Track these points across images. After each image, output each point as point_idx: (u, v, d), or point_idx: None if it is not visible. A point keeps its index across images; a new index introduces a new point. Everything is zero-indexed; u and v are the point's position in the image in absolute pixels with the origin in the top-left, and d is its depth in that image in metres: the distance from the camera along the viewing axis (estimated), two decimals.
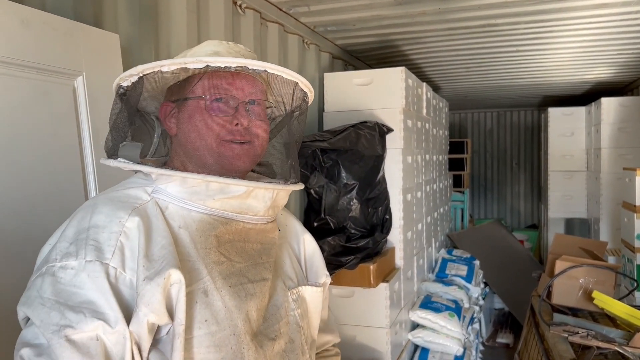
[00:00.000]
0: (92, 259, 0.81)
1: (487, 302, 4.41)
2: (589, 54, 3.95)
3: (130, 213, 0.87)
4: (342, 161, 2.66)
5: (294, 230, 1.20)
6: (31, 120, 1.30)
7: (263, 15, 2.63)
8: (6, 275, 1.21)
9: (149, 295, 0.80)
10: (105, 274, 0.80)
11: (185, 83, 0.99)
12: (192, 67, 0.91)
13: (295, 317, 1.04)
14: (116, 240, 0.84)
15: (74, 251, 0.82)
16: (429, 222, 3.74)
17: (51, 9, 1.44)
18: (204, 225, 0.93)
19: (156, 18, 1.88)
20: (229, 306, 0.89)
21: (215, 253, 0.92)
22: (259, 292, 0.96)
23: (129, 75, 0.93)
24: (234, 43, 1.01)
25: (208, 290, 0.88)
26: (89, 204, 0.91)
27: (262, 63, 0.92)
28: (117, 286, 0.81)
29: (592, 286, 2.21)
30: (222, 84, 0.96)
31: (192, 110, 0.96)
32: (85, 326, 0.76)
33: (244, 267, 0.95)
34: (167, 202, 0.93)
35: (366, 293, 2.60)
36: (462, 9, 2.84)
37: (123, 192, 0.93)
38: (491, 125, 8.35)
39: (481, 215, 8.32)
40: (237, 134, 0.96)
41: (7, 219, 1.22)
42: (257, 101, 0.99)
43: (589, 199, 5.29)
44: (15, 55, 1.25)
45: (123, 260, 0.83)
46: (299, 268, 1.15)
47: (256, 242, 1.00)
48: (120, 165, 0.92)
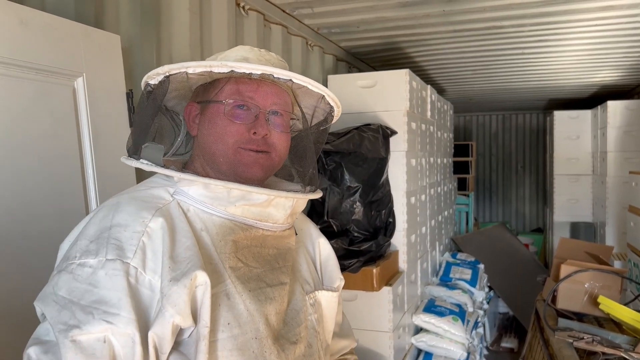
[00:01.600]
0: (113, 257, 0.80)
1: (491, 306, 4.38)
2: (594, 56, 3.93)
3: (154, 213, 0.87)
4: (346, 164, 2.65)
5: (310, 234, 1.20)
6: (31, 121, 1.29)
7: (266, 17, 2.62)
8: (5, 277, 1.20)
9: (176, 296, 0.80)
10: (125, 273, 0.80)
11: (210, 86, 0.99)
12: (216, 70, 0.91)
13: (312, 321, 1.04)
14: (138, 240, 0.83)
15: (94, 249, 0.81)
16: (433, 226, 3.72)
17: (51, 10, 1.44)
18: (224, 229, 0.92)
19: (158, 19, 1.87)
20: (250, 310, 0.89)
21: (233, 258, 0.91)
22: (278, 296, 0.96)
23: (155, 74, 0.93)
24: (265, 50, 1.01)
25: (230, 294, 0.88)
26: (112, 202, 0.90)
27: (288, 72, 0.91)
28: (137, 287, 0.80)
29: (598, 291, 2.19)
30: (246, 91, 0.95)
31: (213, 114, 0.96)
32: (93, 327, 0.75)
33: (261, 272, 0.95)
34: (189, 205, 0.93)
35: (369, 297, 2.58)
36: (467, 11, 2.82)
37: (146, 191, 0.93)
38: (496, 128, 8.32)
39: (486, 219, 8.28)
40: (254, 143, 0.95)
41: (5, 221, 1.21)
42: (279, 112, 0.99)
43: (595, 203, 5.26)
44: (14, 56, 1.24)
45: (144, 261, 0.82)
46: (315, 272, 1.15)
47: (272, 247, 1.00)
48: (142, 167, 0.91)
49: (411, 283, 3.05)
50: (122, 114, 1.57)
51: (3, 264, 1.20)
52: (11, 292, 1.20)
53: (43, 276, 0.97)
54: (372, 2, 2.67)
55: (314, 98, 1.03)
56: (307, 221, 1.22)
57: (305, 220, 1.22)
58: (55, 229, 1.32)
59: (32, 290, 0.91)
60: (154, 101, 0.95)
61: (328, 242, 1.23)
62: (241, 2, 2.36)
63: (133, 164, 0.92)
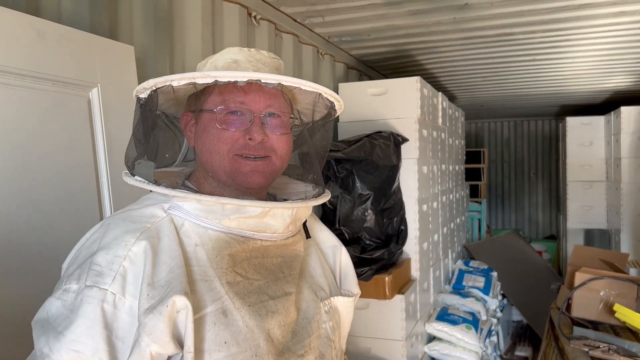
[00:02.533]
0: (91, 284, 0.80)
1: (505, 314, 4.34)
2: (607, 62, 3.90)
3: (138, 237, 0.85)
4: (357, 171, 2.65)
5: (329, 241, 1.18)
6: (47, 131, 1.31)
7: (277, 26, 2.64)
8: (21, 285, 1.22)
9: (151, 324, 0.78)
10: (99, 301, 0.79)
11: (202, 93, 0.96)
12: (200, 82, 0.89)
13: (326, 330, 1.01)
14: (119, 265, 0.82)
15: (77, 275, 0.82)
16: (445, 233, 3.70)
17: (67, 21, 1.46)
18: (220, 243, 0.90)
19: (171, 29, 1.90)
20: (250, 326, 0.86)
21: (230, 273, 0.89)
22: (282, 307, 0.92)
23: (142, 88, 0.92)
24: (255, 50, 0.98)
25: (227, 310, 0.85)
26: (105, 222, 0.90)
27: (275, 76, 0.88)
28: (115, 312, 0.79)
29: (613, 299, 2.16)
30: (237, 96, 0.92)
31: (206, 123, 0.94)
32: (61, 356, 0.75)
33: (263, 284, 0.92)
34: (184, 219, 0.91)
35: (381, 305, 2.57)
36: (478, 19, 2.82)
37: (139, 210, 0.91)
38: (508, 134, 8.28)
39: (499, 226, 8.22)
40: (251, 149, 0.92)
41: (21, 229, 1.23)
42: (276, 113, 0.95)
43: (609, 210, 5.20)
44: (32, 67, 1.26)
45: (124, 286, 0.81)
46: (332, 278, 1.12)
47: (276, 256, 0.97)
48: (137, 184, 0.91)
49: (424, 291, 3.03)
50: None
51: (22, 271, 1.22)
52: (28, 299, 1.21)
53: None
54: (382, 11, 2.68)
55: (310, 97, 1.00)
56: (325, 229, 1.20)
57: (324, 228, 1.19)
58: (71, 238, 1.33)
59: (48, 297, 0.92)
60: (149, 112, 0.94)
61: (347, 251, 1.21)
62: (253, 12, 2.38)
63: (129, 182, 0.92)
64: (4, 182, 1.20)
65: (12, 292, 1.20)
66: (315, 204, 0.99)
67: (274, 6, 2.53)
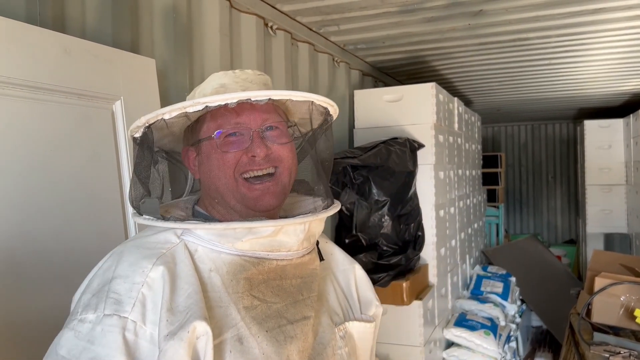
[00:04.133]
0: (111, 312, 0.78)
1: (524, 319, 4.30)
2: (625, 65, 3.87)
3: (155, 262, 0.83)
4: (373, 177, 2.67)
5: (341, 261, 1.15)
6: (73, 143, 1.36)
7: (294, 36, 2.68)
8: (49, 295, 1.25)
9: (172, 351, 0.76)
10: (121, 329, 0.77)
11: (196, 124, 0.96)
12: (191, 110, 0.87)
13: (342, 356, 0.98)
14: (138, 292, 0.80)
15: (94, 304, 0.80)
16: (462, 238, 3.69)
17: (91, 37, 1.51)
18: (235, 267, 0.88)
19: (190, 42, 1.94)
20: (267, 353, 0.84)
21: (247, 297, 0.87)
22: (300, 332, 0.90)
23: (136, 127, 0.92)
24: (240, 70, 0.98)
25: (243, 337, 0.83)
26: (117, 251, 0.89)
27: (264, 92, 0.88)
28: (136, 341, 0.78)
29: (634, 304, 2.14)
30: (230, 118, 0.92)
31: (207, 152, 0.94)
32: None
33: (281, 307, 0.90)
34: (197, 245, 0.89)
35: (399, 311, 2.58)
36: (493, 24, 2.83)
37: (152, 237, 0.90)
38: (525, 138, 8.22)
39: (517, 231, 8.15)
40: (256, 165, 0.91)
41: (48, 239, 1.27)
42: (274, 126, 0.94)
43: (630, 214, 5.14)
44: (59, 83, 1.31)
45: (144, 313, 0.79)
46: (344, 301, 1.09)
47: (295, 277, 0.94)
48: (146, 223, 0.90)
49: (441, 297, 3.03)
50: None
51: (49, 280, 1.26)
52: (55, 306, 1.25)
53: None
54: (397, 18, 2.70)
55: (304, 106, 0.98)
56: (336, 248, 1.17)
57: (334, 247, 1.17)
58: (96, 247, 1.38)
59: None
60: (147, 149, 0.93)
61: (361, 268, 1.18)
62: (269, 22, 2.42)
63: (139, 221, 0.92)
64: (33, 193, 1.24)
65: (40, 300, 1.23)
66: (326, 215, 0.97)
67: (290, 16, 2.57)
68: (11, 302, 1.17)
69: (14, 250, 1.19)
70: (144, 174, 0.93)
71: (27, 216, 1.23)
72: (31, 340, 1.20)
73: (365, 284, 1.16)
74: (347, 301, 1.09)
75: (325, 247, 1.11)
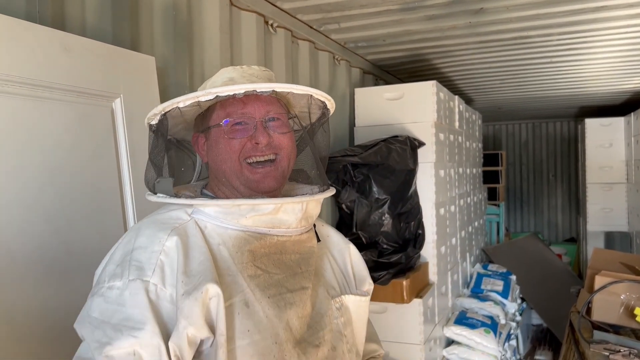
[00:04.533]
0: (135, 277, 0.88)
1: (524, 318, 4.30)
2: (626, 63, 3.86)
3: (170, 233, 0.93)
4: (374, 176, 2.67)
5: (337, 242, 1.25)
6: (73, 141, 1.36)
7: (294, 34, 2.67)
8: (51, 291, 1.26)
9: (188, 309, 0.86)
10: (145, 291, 0.87)
11: (206, 113, 1.07)
12: (204, 99, 0.99)
13: (338, 325, 1.09)
14: (156, 259, 0.90)
15: (119, 272, 0.90)
16: (463, 237, 3.69)
17: (91, 34, 1.51)
18: (240, 241, 0.98)
19: (190, 40, 1.94)
20: (269, 316, 0.94)
21: (251, 267, 0.97)
22: (299, 300, 1.00)
23: (152, 114, 1.02)
24: (247, 66, 1.08)
25: (249, 302, 0.93)
26: (135, 227, 0.99)
27: (269, 85, 0.99)
28: (158, 302, 0.87)
29: (635, 303, 2.14)
30: (238, 108, 1.02)
31: (215, 138, 1.04)
32: (122, 343, 0.82)
33: (282, 278, 1.00)
34: (206, 222, 0.99)
35: (399, 309, 2.58)
36: (494, 22, 2.82)
37: (166, 214, 1.00)
38: (526, 136, 8.21)
39: (517, 229, 8.15)
40: (259, 151, 1.01)
41: (49, 236, 1.27)
42: (275, 117, 1.05)
43: (630, 212, 5.13)
44: (58, 80, 1.31)
45: (163, 277, 0.89)
46: (342, 278, 1.19)
47: (293, 252, 1.05)
48: (160, 200, 1.00)
49: (442, 295, 3.03)
50: None
51: (49, 279, 1.26)
52: (56, 305, 1.26)
53: (84, 288, 1.03)
54: (398, 16, 2.69)
55: (304, 99, 1.09)
56: (332, 230, 1.28)
57: (331, 229, 1.27)
58: (96, 245, 1.38)
59: (76, 306, 0.97)
60: (162, 137, 1.04)
61: (356, 248, 1.29)
62: (270, 20, 2.42)
63: (153, 200, 1.02)
64: (32, 191, 1.24)
65: (39, 297, 1.23)
66: (321, 197, 1.07)
67: (290, 14, 2.56)
68: (11, 299, 1.17)
69: (12, 247, 1.19)
70: (158, 158, 1.04)
71: (27, 213, 1.22)
72: (30, 338, 1.20)
73: (360, 263, 1.27)
74: (343, 277, 1.20)
75: (321, 230, 1.21)
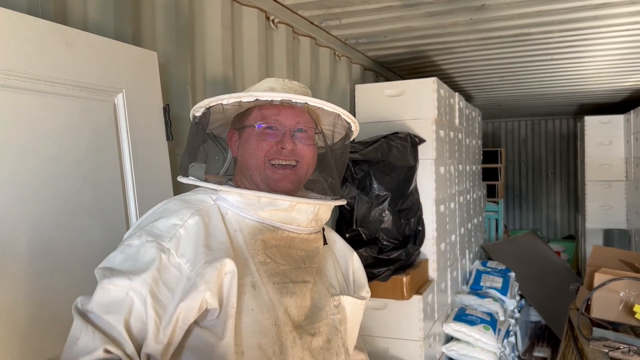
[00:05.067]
0: (152, 239, 0.98)
1: (523, 314, 4.31)
2: (626, 61, 3.86)
3: (193, 212, 1.04)
4: (374, 172, 2.67)
5: (342, 248, 1.37)
6: (75, 136, 1.35)
7: (295, 30, 2.67)
8: (52, 285, 1.26)
9: (209, 275, 0.95)
10: (158, 250, 0.96)
11: (244, 114, 1.18)
12: (245, 100, 1.10)
13: (334, 320, 1.18)
14: (176, 231, 1.00)
15: (139, 234, 1.00)
16: (462, 233, 3.70)
17: (93, 29, 1.51)
18: (255, 230, 1.09)
19: (192, 35, 1.93)
20: (272, 299, 1.04)
21: (262, 254, 1.07)
22: (299, 291, 1.10)
23: (198, 107, 1.15)
24: (289, 80, 1.20)
25: (256, 284, 1.03)
26: (163, 202, 1.10)
27: (303, 97, 1.09)
28: (167, 264, 0.96)
29: (634, 300, 2.15)
30: (272, 115, 1.14)
31: (248, 136, 1.15)
32: (118, 281, 0.93)
33: (287, 269, 1.10)
34: (227, 209, 1.10)
35: (399, 305, 2.58)
36: (495, 19, 2.82)
37: (193, 196, 1.12)
38: (525, 134, 8.21)
39: (516, 226, 8.16)
40: (282, 155, 1.12)
41: (52, 230, 1.27)
42: (303, 128, 1.16)
43: (629, 210, 5.14)
44: (60, 75, 1.31)
45: (177, 247, 0.98)
46: (343, 281, 1.29)
47: (300, 249, 1.15)
48: (191, 182, 1.11)
49: (441, 291, 3.04)
50: (159, 128, 1.63)
51: (53, 272, 1.26)
52: (59, 297, 1.26)
53: (87, 284, 1.04)
54: (399, 13, 2.69)
55: (331, 117, 1.21)
56: (339, 237, 1.39)
57: (337, 237, 1.39)
58: (98, 239, 1.38)
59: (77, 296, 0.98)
60: (202, 129, 1.16)
61: (358, 257, 1.40)
62: (271, 16, 2.41)
63: (184, 181, 1.12)
64: (35, 185, 1.24)
65: (45, 291, 1.24)
66: (333, 204, 1.18)
67: (292, 10, 2.56)
68: (12, 292, 1.17)
69: (13, 241, 1.19)
70: (195, 147, 1.16)
71: (28, 207, 1.22)
72: (31, 331, 1.20)
73: (361, 271, 1.38)
74: (344, 280, 1.31)
75: (329, 235, 1.33)
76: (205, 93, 1.98)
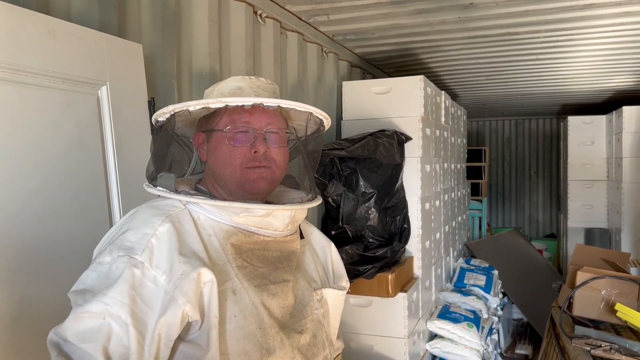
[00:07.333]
0: (123, 254, 0.93)
1: (505, 312, 4.36)
2: (610, 62, 3.91)
3: (164, 219, 1.00)
4: (361, 170, 2.66)
5: (319, 239, 1.36)
6: (57, 129, 1.32)
7: (283, 25, 2.64)
8: (34, 283, 1.23)
9: (187, 287, 0.92)
10: (130, 266, 0.91)
11: (212, 116, 1.13)
12: (213, 106, 1.07)
13: (318, 315, 1.18)
14: (147, 241, 0.95)
15: (109, 250, 0.96)
16: (447, 231, 3.72)
17: (77, 20, 1.47)
18: (229, 234, 1.06)
19: (179, 28, 1.90)
20: (255, 303, 1.02)
21: (239, 259, 1.05)
22: (280, 292, 1.09)
23: (162, 113, 1.09)
24: (255, 77, 1.16)
25: (236, 289, 1.01)
26: (132, 211, 1.06)
27: (275, 100, 1.07)
28: (142, 278, 0.92)
29: (615, 298, 2.17)
30: (242, 117, 1.10)
31: (217, 141, 1.11)
32: (92, 307, 0.88)
33: (265, 271, 1.08)
34: (199, 213, 1.06)
35: (384, 303, 2.58)
36: (482, 18, 2.83)
37: (161, 201, 1.07)
38: (509, 133, 8.28)
39: (499, 224, 8.24)
40: (257, 160, 1.09)
41: (32, 226, 1.24)
42: (274, 130, 1.13)
43: (610, 209, 5.22)
44: (42, 66, 1.27)
45: (151, 259, 0.94)
46: (323, 273, 1.30)
47: (275, 250, 1.13)
48: (160, 193, 1.07)
49: (426, 289, 3.05)
50: (144, 122, 1.60)
51: (33, 269, 1.23)
52: (41, 295, 1.23)
53: (69, 280, 1.01)
54: (387, 10, 2.68)
55: (304, 115, 1.17)
56: (315, 228, 1.39)
57: (313, 228, 1.38)
58: (80, 235, 1.35)
59: (61, 297, 0.97)
60: (166, 134, 1.11)
61: (336, 248, 1.40)
62: (258, 10, 2.39)
63: (152, 192, 1.08)
64: (16, 179, 1.21)
65: (25, 290, 1.21)
66: (310, 206, 1.17)
67: (279, 4, 2.53)
68: None
69: None
70: (161, 152, 1.12)
71: (9, 203, 1.19)
72: (14, 330, 1.17)
73: (339, 261, 1.39)
74: (324, 272, 1.31)
75: (305, 228, 1.33)
76: (191, 87, 1.95)
